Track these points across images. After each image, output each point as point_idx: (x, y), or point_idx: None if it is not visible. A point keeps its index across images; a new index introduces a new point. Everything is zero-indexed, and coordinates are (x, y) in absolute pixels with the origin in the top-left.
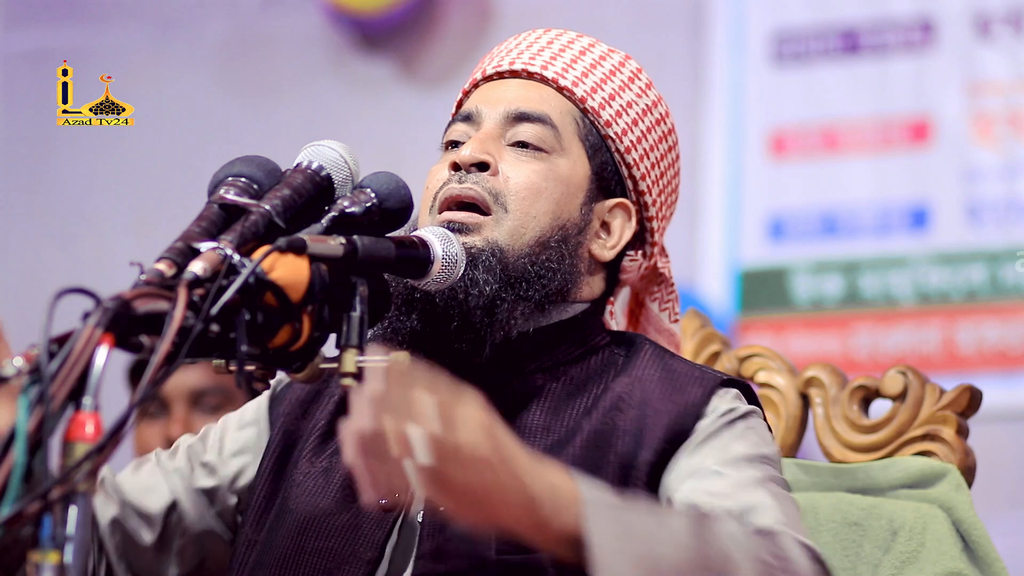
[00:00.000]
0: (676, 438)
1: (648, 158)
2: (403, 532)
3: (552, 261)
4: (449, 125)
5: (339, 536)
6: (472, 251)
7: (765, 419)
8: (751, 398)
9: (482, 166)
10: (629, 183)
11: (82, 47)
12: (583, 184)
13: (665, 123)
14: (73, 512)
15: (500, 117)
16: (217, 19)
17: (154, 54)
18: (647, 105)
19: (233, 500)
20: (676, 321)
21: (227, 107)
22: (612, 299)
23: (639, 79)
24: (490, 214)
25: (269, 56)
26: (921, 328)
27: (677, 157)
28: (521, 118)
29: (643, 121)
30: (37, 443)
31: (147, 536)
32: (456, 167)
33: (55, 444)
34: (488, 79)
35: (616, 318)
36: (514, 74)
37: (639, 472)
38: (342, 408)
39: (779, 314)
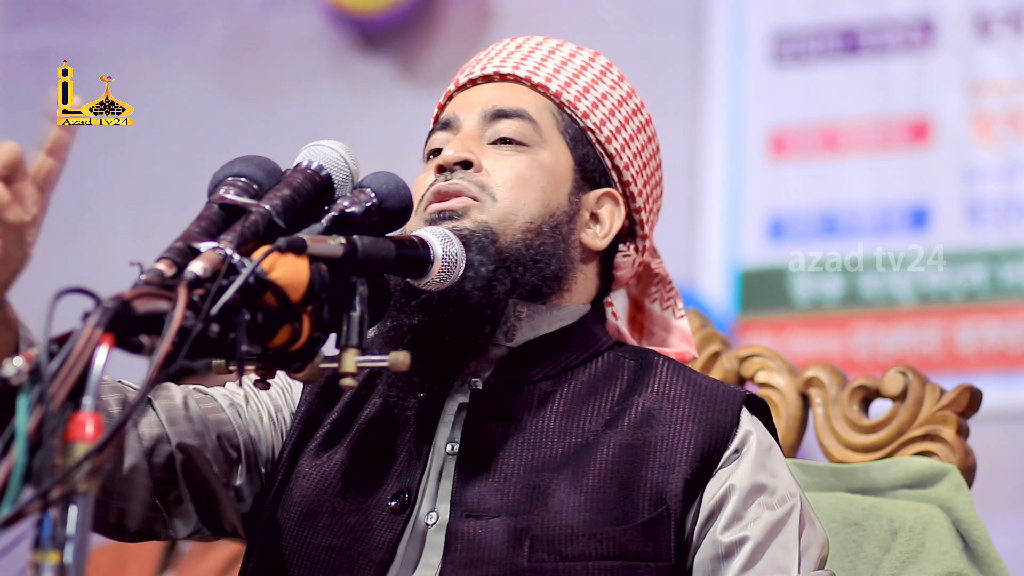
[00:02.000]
0: (708, 458)
1: (629, 148)
2: (413, 534)
3: (547, 247)
4: (429, 136)
5: (349, 535)
6: (463, 234)
7: (775, 432)
8: (766, 414)
9: (466, 164)
10: (613, 174)
11: (82, 47)
12: (568, 174)
13: (641, 114)
14: (73, 512)
15: (478, 118)
16: (217, 19)
17: (154, 54)
18: (621, 97)
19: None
20: (682, 317)
21: (227, 107)
22: (609, 299)
23: (611, 72)
24: (479, 201)
25: (269, 56)
26: (921, 328)
27: (657, 149)
28: (499, 115)
29: (619, 112)
30: (37, 443)
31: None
32: (441, 169)
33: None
34: (461, 88)
35: (619, 320)
36: (487, 79)
37: (674, 490)
38: (355, 401)
39: (779, 314)
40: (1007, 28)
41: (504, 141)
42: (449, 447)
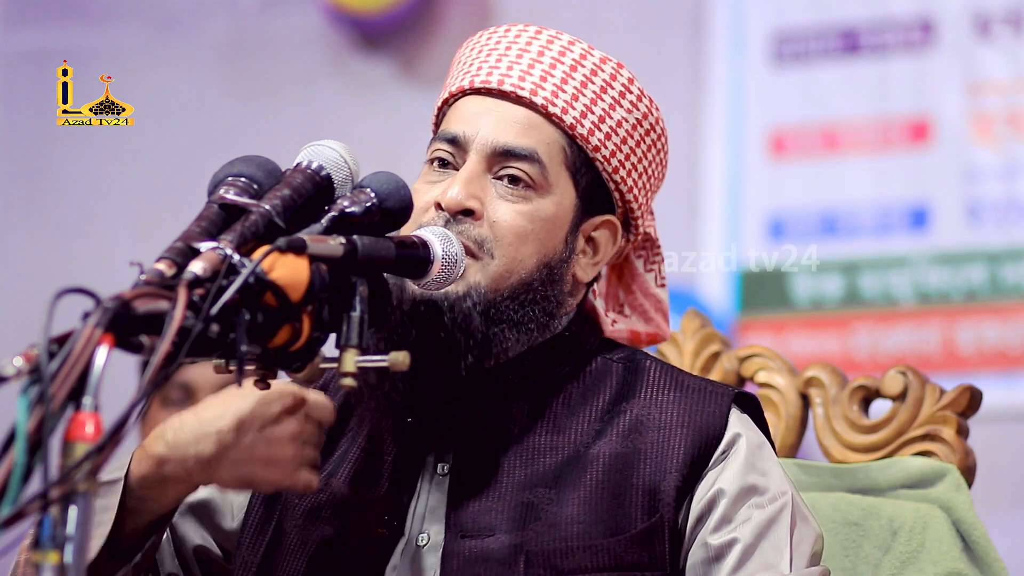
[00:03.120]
0: (697, 462)
1: (635, 171)
2: (404, 554)
3: (536, 303)
4: (434, 140)
5: (339, 563)
6: (453, 297)
7: (767, 427)
8: (757, 410)
9: (467, 212)
10: (616, 195)
11: (82, 47)
12: (568, 215)
13: (655, 130)
14: (73, 512)
15: (487, 151)
16: (217, 19)
17: (154, 54)
18: (636, 120)
19: (226, 520)
20: (663, 286)
21: (227, 107)
22: (595, 286)
23: (631, 92)
24: (477, 259)
25: (269, 56)
26: (921, 328)
27: (666, 154)
28: (508, 154)
29: (631, 138)
30: (37, 443)
31: None
32: (440, 207)
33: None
34: (475, 91)
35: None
36: (502, 93)
37: (666, 497)
38: (337, 430)
39: (779, 314)
40: (1007, 28)
41: (511, 180)
42: (440, 468)
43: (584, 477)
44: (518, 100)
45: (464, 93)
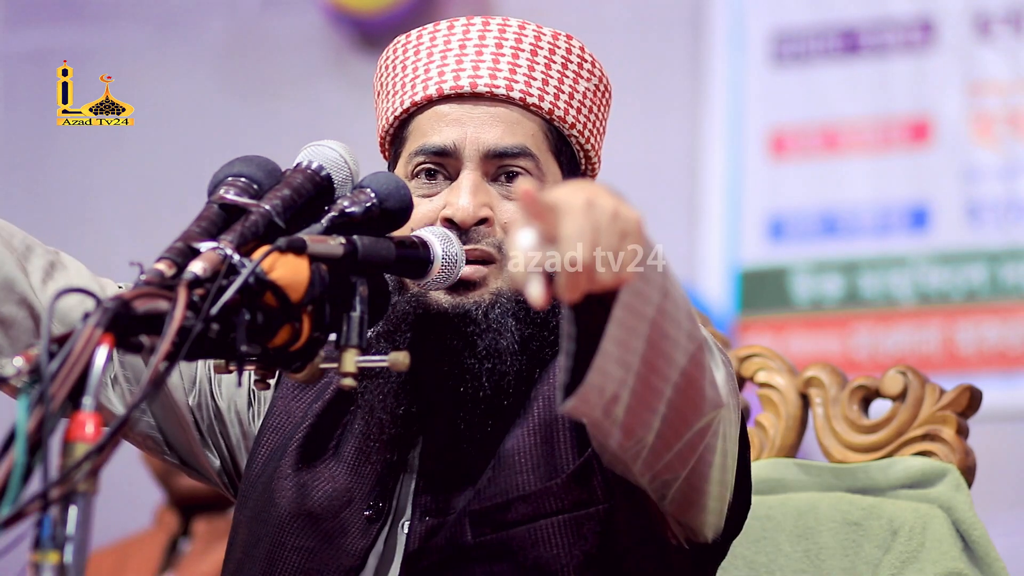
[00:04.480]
0: None
1: (598, 131)
2: (387, 542)
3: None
4: (415, 154)
5: (322, 539)
6: (484, 305)
7: None
8: None
9: (481, 221)
10: (583, 160)
11: (82, 47)
12: None
13: (608, 90)
14: (73, 512)
15: (480, 157)
16: (217, 19)
17: (154, 54)
18: (595, 85)
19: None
20: None
21: (227, 107)
22: None
23: (585, 60)
24: (496, 264)
25: (269, 56)
26: (921, 328)
27: (610, 101)
28: (503, 155)
29: (595, 104)
30: (37, 443)
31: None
32: (450, 222)
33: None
34: (445, 98)
35: None
36: (476, 95)
37: None
38: (336, 408)
39: (779, 314)
40: (1007, 28)
41: (509, 177)
42: (419, 455)
43: (521, 429)
44: (494, 98)
45: (431, 102)
